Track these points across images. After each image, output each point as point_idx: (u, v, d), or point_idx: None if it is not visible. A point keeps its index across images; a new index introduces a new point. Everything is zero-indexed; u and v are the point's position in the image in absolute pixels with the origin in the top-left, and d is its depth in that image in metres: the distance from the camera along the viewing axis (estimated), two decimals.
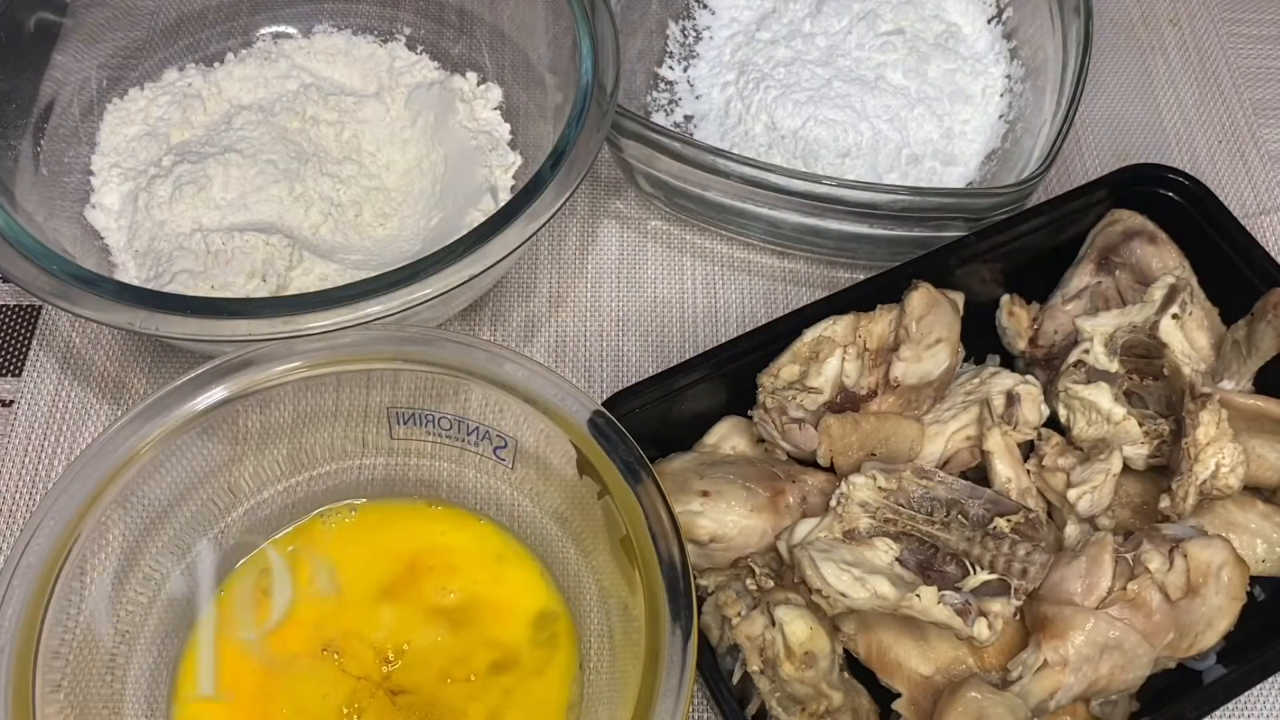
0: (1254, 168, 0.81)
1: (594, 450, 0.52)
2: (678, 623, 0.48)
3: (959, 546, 0.55)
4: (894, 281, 0.63)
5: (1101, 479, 0.58)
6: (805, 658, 0.53)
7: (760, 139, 0.76)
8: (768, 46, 0.80)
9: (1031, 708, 0.53)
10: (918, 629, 0.56)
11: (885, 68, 0.78)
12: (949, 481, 0.57)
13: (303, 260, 0.66)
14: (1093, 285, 0.67)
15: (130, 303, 0.56)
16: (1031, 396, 0.61)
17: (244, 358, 0.53)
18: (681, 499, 0.57)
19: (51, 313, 0.71)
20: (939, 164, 0.76)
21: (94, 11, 0.72)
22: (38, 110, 0.68)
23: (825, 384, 0.61)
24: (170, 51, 0.75)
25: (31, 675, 0.47)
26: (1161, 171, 0.69)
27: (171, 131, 0.73)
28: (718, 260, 0.75)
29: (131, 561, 0.53)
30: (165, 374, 0.69)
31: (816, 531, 0.55)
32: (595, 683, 0.56)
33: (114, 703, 0.52)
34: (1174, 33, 0.88)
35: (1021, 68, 0.78)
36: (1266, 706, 0.61)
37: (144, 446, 0.51)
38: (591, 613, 0.57)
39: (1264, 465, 0.61)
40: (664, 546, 0.50)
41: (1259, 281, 0.65)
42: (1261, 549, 0.60)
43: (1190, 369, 0.61)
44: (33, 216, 0.63)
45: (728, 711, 0.53)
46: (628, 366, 0.71)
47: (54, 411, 0.68)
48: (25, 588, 0.48)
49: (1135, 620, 0.54)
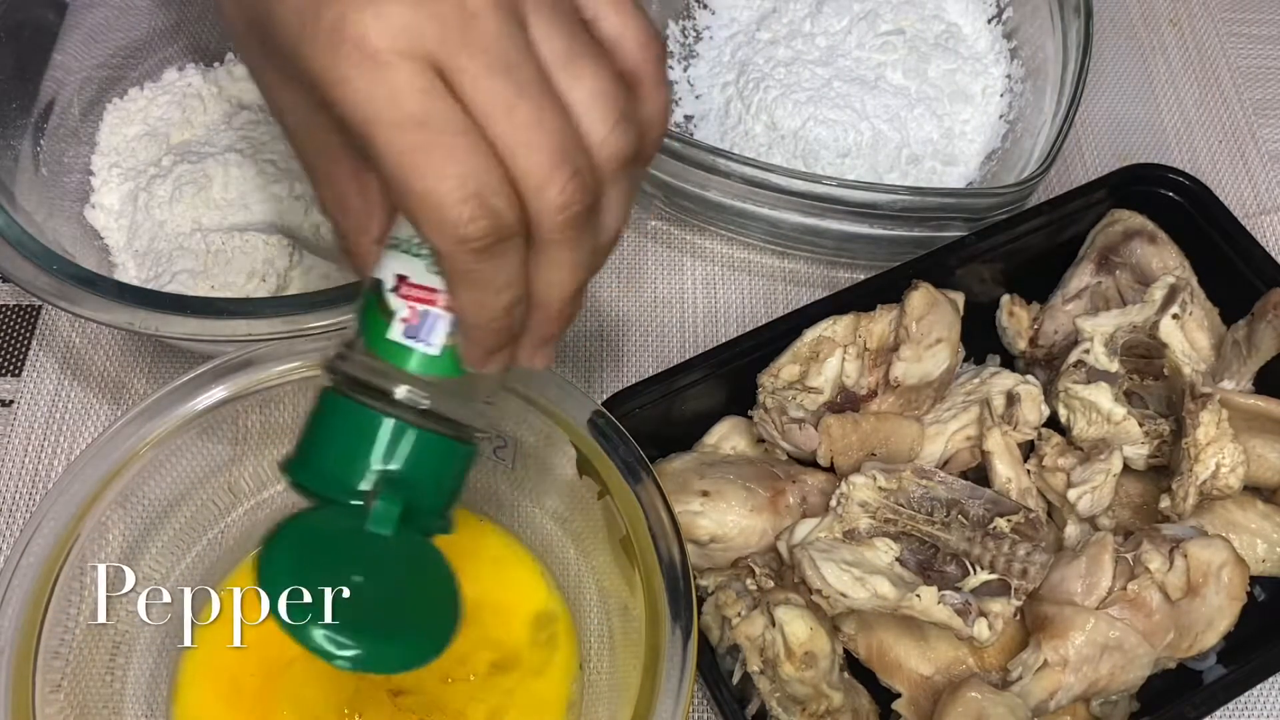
0: (1254, 168, 0.81)
1: (594, 450, 0.52)
2: (678, 623, 0.48)
3: (959, 546, 0.55)
4: (894, 281, 0.63)
5: (1101, 479, 0.58)
6: (805, 658, 0.53)
7: (760, 139, 0.76)
8: (768, 46, 0.80)
9: (1031, 708, 0.53)
10: (918, 629, 0.56)
11: (885, 68, 0.78)
12: (949, 481, 0.57)
13: (303, 260, 0.66)
14: (1093, 285, 0.67)
15: (130, 303, 0.56)
16: (1031, 396, 0.61)
17: (244, 358, 0.53)
18: (681, 499, 0.57)
19: (51, 313, 0.71)
20: (939, 164, 0.76)
21: (94, 11, 0.71)
22: (37, 110, 0.68)
23: (825, 384, 0.61)
24: (170, 51, 0.75)
25: (31, 675, 0.47)
26: (1161, 171, 0.69)
27: (171, 131, 0.72)
28: (718, 260, 0.75)
29: (131, 561, 0.53)
30: (165, 374, 0.69)
31: (816, 531, 0.55)
32: (595, 683, 0.56)
33: (114, 703, 0.52)
34: (1174, 33, 0.88)
35: (1021, 68, 0.78)
36: (1266, 706, 0.61)
37: (144, 446, 0.51)
38: (591, 613, 0.57)
39: (1264, 465, 0.61)
40: (664, 546, 0.50)
41: (1259, 281, 0.65)
42: (1262, 549, 0.60)
43: (1190, 369, 0.61)
44: (32, 216, 0.63)
45: (728, 711, 0.53)
46: (628, 366, 0.71)
47: (54, 411, 0.68)
48: (25, 588, 0.48)
49: (1135, 620, 0.54)
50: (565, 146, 0.35)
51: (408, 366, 0.40)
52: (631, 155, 0.37)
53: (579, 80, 0.36)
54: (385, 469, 0.40)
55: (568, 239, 0.37)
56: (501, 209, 0.35)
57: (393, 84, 0.34)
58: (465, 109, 0.34)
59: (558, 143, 0.35)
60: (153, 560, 0.54)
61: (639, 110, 0.38)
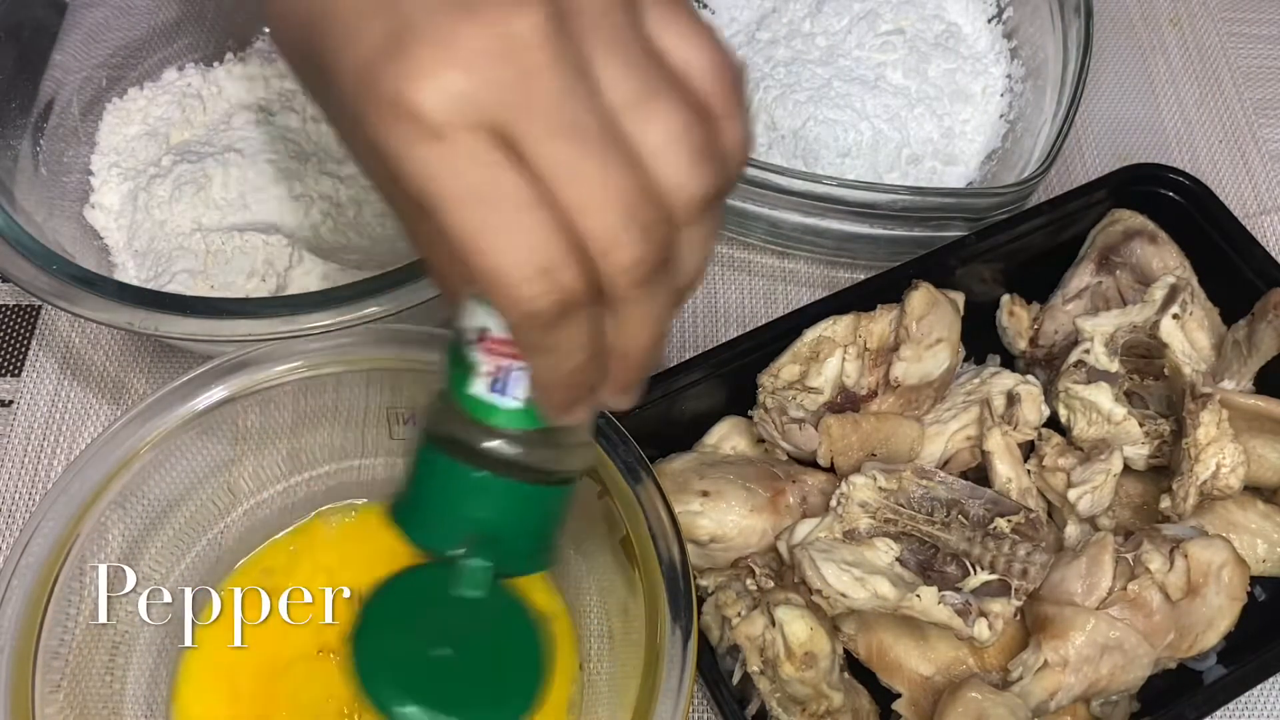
0: (1254, 168, 0.81)
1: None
2: (678, 623, 0.48)
3: (959, 547, 0.55)
4: (894, 281, 0.63)
5: (1102, 479, 0.58)
6: (805, 658, 0.53)
7: (760, 139, 0.76)
8: (768, 46, 0.80)
9: (1032, 708, 0.53)
10: (918, 629, 0.56)
11: (885, 67, 0.78)
12: (949, 481, 0.57)
13: (303, 260, 0.66)
14: (1093, 285, 0.67)
15: (130, 303, 0.56)
16: (1032, 396, 0.61)
17: (244, 358, 0.53)
18: (681, 499, 0.57)
19: (51, 313, 0.71)
20: (939, 164, 0.76)
21: (93, 11, 0.71)
22: (37, 110, 0.68)
23: (825, 384, 0.61)
24: (170, 51, 0.75)
25: (31, 675, 0.47)
26: (1162, 171, 0.69)
27: (171, 131, 0.72)
28: (718, 260, 0.75)
29: (131, 561, 0.53)
30: (165, 374, 0.69)
31: (817, 532, 0.55)
32: (595, 683, 0.56)
33: (114, 703, 0.52)
34: (1174, 33, 0.88)
35: (1022, 67, 0.78)
36: (1266, 707, 0.61)
37: (144, 446, 0.51)
38: (591, 613, 0.57)
39: (1264, 465, 0.60)
40: (664, 547, 0.50)
41: (1259, 281, 0.65)
42: (1262, 549, 0.60)
43: (1191, 369, 0.61)
44: (32, 216, 0.63)
45: (728, 711, 0.53)
46: None
47: (54, 411, 0.68)
48: (25, 588, 0.48)
49: (1136, 620, 0.54)
50: (633, 202, 0.33)
51: (492, 421, 0.39)
52: (712, 194, 0.35)
53: (652, 122, 0.34)
54: (477, 523, 0.40)
55: (640, 295, 0.35)
56: (568, 281, 0.34)
57: (453, 158, 0.32)
58: (531, 176, 0.33)
59: (625, 199, 0.33)
60: (152, 560, 0.54)
61: (717, 142, 0.35)
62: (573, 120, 0.33)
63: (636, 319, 0.36)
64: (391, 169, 0.33)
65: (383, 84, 0.32)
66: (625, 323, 0.36)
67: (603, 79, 0.33)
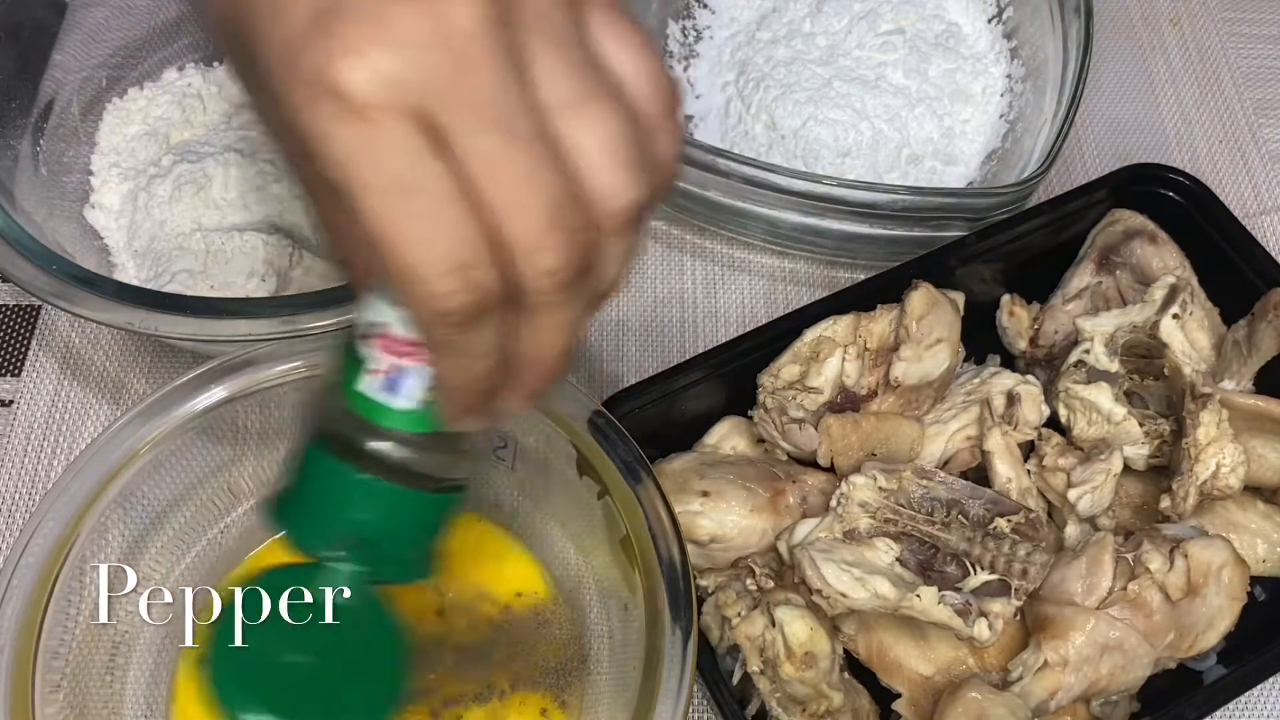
0: (1254, 168, 0.81)
1: (594, 450, 0.52)
2: (678, 623, 0.48)
3: (959, 547, 0.55)
4: (894, 281, 0.63)
5: (1102, 479, 0.58)
6: (805, 658, 0.53)
7: (760, 139, 0.76)
8: (768, 46, 0.80)
9: (1032, 708, 0.53)
10: (918, 629, 0.56)
11: (885, 67, 0.78)
12: (949, 481, 0.57)
13: (303, 260, 0.66)
14: (1093, 285, 0.67)
15: (130, 303, 0.56)
16: (1032, 396, 0.61)
17: (244, 358, 0.53)
18: (681, 499, 0.57)
19: (51, 313, 0.71)
20: (939, 164, 0.76)
21: (93, 11, 0.71)
22: (37, 110, 0.68)
23: (825, 384, 0.61)
24: (170, 51, 0.75)
25: (31, 675, 0.47)
26: (1162, 171, 0.69)
27: (171, 131, 0.72)
28: (718, 260, 0.75)
29: (131, 561, 0.53)
30: (165, 374, 0.69)
31: (817, 532, 0.55)
32: (595, 683, 0.56)
33: (114, 703, 0.52)
34: (1174, 33, 0.88)
35: (1022, 67, 0.78)
36: (1266, 707, 0.61)
37: (144, 446, 0.51)
38: (591, 613, 0.57)
39: (1264, 465, 0.60)
40: (664, 547, 0.50)
41: (1259, 281, 0.65)
42: (1262, 549, 0.60)
43: (1191, 369, 0.61)
44: (32, 216, 0.63)
45: (728, 711, 0.53)
46: (628, 366, 0.71)
47: (53, 411, 0.68)
48: (25, 588, 0.48)
49: (1136, 620, 0.54)
50: (560, 205, 0.32)
51: (382, 422, 0.38)
52: (640, 204, 0.34)
53: (586, 126, 0.33)
54: (357, 526, 0.39)
55: (558, 301, 0.34)
56: (486, 282, 0.32)
57: (376, 144, 0.31)
58: (455, 169, 0.32)
59: (552, 202, 0.32)
60: (152, 560, 0.54)
61: (649, 153, 0.34)
62: (505, 116, 0.31)
63: (551, 325, 0.35)
64: (308, 148, 0.32)
65: (305, 59, 0.31)
66: (538, 328, 0.35)
67: (539, 77, 0.32)
